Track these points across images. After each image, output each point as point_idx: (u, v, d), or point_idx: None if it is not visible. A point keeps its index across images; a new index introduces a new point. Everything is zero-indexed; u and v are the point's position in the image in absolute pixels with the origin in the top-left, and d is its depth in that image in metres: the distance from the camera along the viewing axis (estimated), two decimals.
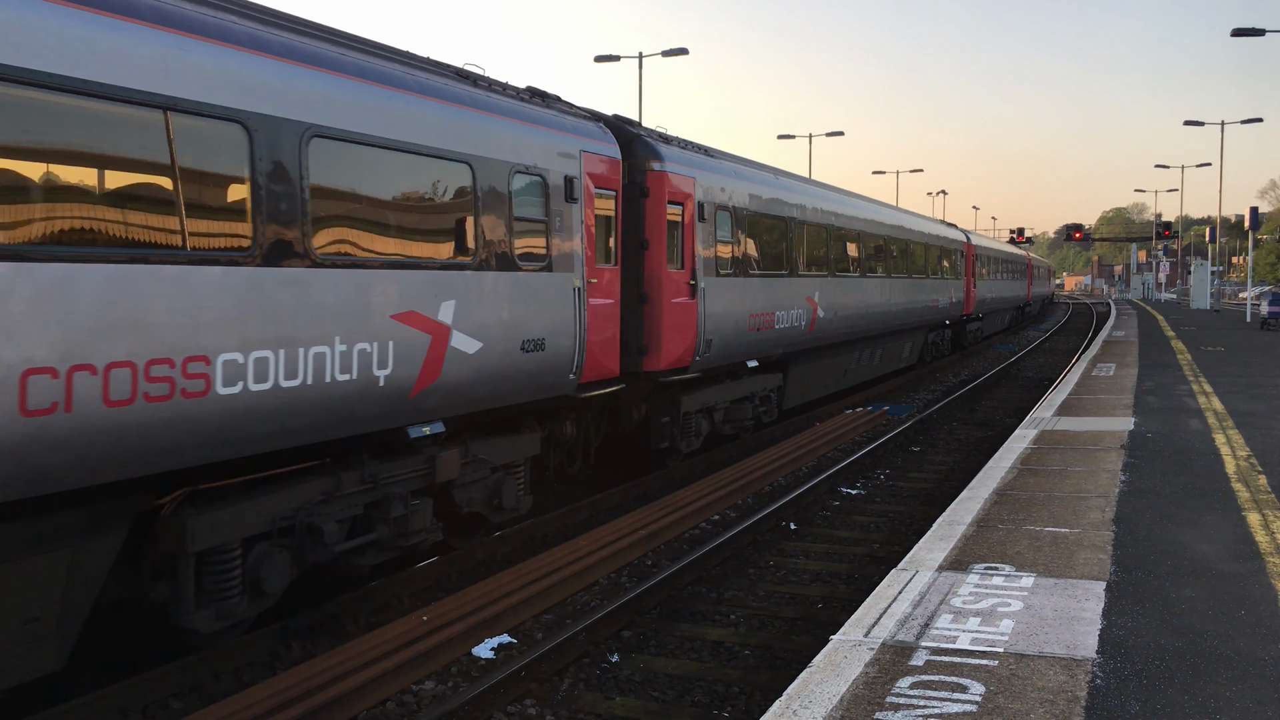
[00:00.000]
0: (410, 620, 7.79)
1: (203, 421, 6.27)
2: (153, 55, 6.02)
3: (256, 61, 6.73)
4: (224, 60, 6.48)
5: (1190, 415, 14.44)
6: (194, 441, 6.25)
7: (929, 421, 18.99)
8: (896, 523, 11.69)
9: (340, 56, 7.64)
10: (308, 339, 6.99)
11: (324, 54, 7.46)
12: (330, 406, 7.24)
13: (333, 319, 7.21)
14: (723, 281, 13.88)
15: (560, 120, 10.59)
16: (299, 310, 6.94)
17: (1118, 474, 10.34)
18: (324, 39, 7.72)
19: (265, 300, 6.68)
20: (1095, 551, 7.48)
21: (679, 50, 36.05)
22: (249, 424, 6.60)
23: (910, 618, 6.06)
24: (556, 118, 10.54)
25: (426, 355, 8.15)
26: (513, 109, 9.70)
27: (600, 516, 11.78)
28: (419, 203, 8.20)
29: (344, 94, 7.44)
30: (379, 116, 7.75)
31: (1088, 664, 5.33)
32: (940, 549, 7.60)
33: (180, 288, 6.11)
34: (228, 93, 6.46)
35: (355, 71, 7.68)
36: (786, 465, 14.43)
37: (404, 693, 6.94)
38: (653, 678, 7.30)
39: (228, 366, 6.40)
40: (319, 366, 7.08)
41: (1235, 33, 34.48)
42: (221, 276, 6.38)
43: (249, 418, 6.59)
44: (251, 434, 6.65)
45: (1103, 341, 31.06)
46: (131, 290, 5.83)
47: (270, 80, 6.80)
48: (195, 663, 7.05)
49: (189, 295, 6.16)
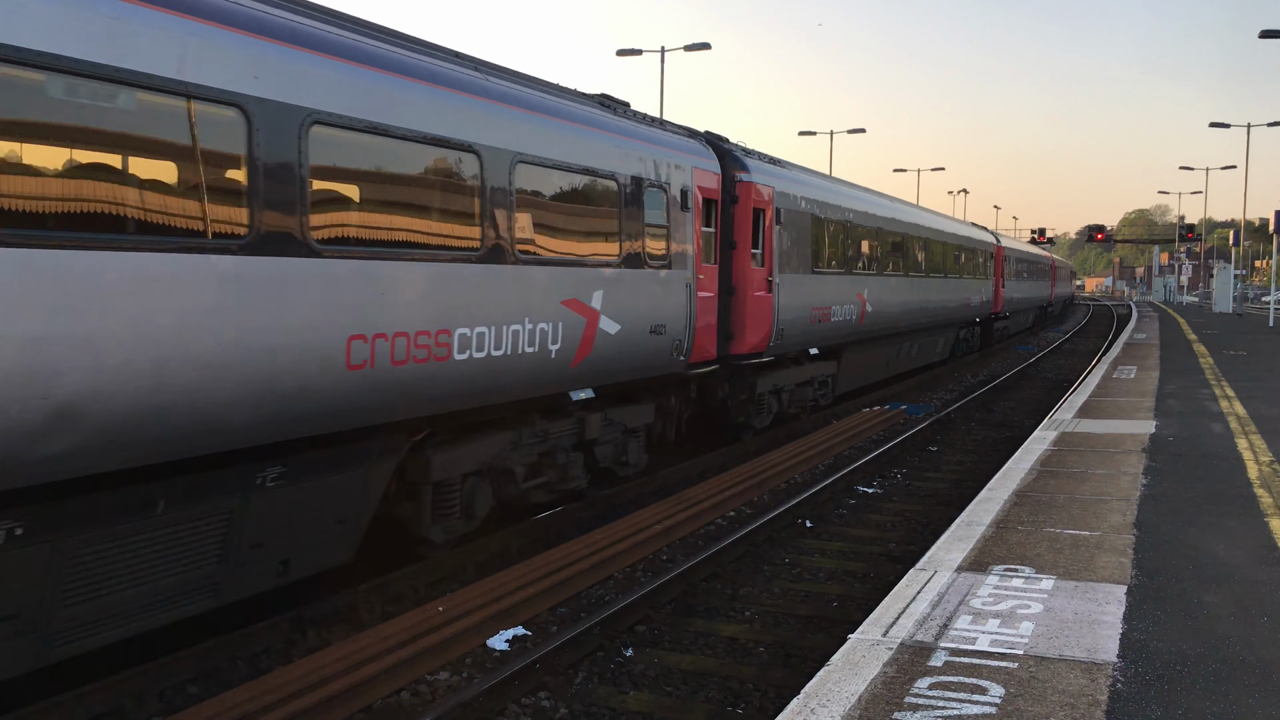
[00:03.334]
0: (426, 610, 7.80)
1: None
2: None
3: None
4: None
5: (1212, 419, 14.31)
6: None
7: (947, 421, 18.89)
8: (913, 522, 11.63)
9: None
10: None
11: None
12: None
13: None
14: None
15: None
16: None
17: (1139, 477, 10.26)
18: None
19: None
20: (1116, 555, 7.42)
21: (701, 45, 35.94)
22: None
23: (929, 618, 6.02)
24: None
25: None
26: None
27: (617, 511, 11.77)
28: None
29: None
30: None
31: (1108, 668, 5.28)
32: (959, 549, 7.55)
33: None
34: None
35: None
36: (803, 463, 14.38)
37: (418, 683, 6.94)
38: (667, 673, 7.28)
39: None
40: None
41: (1263, 34, 34.12)
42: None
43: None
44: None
45: (1124, 344, 30.84)
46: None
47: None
48: (212, 649, 7.09)
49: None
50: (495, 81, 9.23)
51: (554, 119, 9.82)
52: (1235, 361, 24.45)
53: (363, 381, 7.28)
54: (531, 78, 10.27)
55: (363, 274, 7.24)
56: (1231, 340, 32.91)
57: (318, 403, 6.95)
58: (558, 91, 10.56)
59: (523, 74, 10.13)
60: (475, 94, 8.72)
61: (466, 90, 8.61)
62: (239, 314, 6.29)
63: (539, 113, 9.60)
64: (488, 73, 9.31)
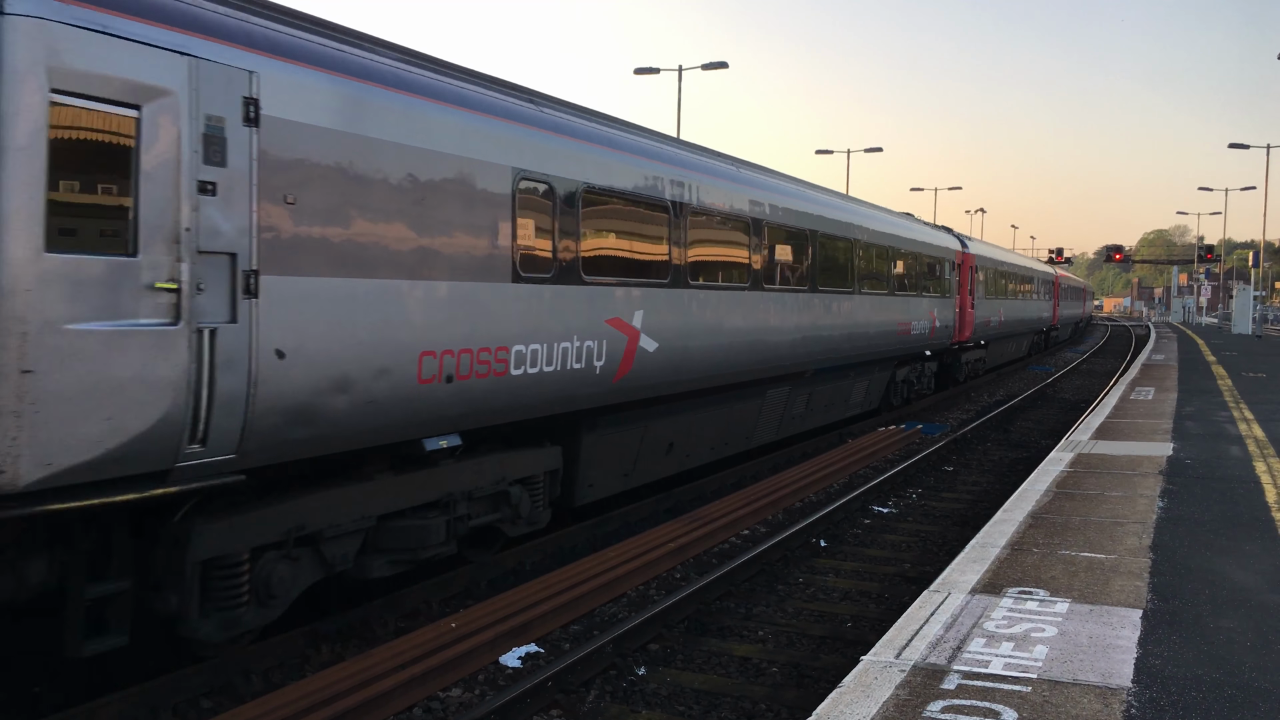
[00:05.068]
0: (439, 627, 7.82)
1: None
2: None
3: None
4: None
5: (1230, 442, 14.22)
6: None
7: (962, 441, 18.82)
8: (928, 543, 11.59)
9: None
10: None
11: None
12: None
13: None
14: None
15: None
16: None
17: (1155, 500, 10.19)
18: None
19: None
20: (1132, 578, 7.37)
21: (719, 64, 36.06)
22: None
23: (942, 640, 6.00)
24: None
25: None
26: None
27: (630, 528, 11.76)
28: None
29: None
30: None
31: (1123, 693, 5.24)
32: (974, 571, 7.52)
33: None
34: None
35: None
36: (817, 482, 14.35)
37: (431, 699, 6.95)
38: (679, 692, 7.26)
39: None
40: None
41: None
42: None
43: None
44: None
45: (1142, 364, 30.67)
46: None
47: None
48: (226, 663, 7.11)
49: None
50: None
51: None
52: (1254, 384, 24.27)
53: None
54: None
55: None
56: (1251, 362, 32.68)
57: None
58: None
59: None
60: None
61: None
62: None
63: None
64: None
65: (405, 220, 7.60)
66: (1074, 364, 40.63)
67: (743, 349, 13.04)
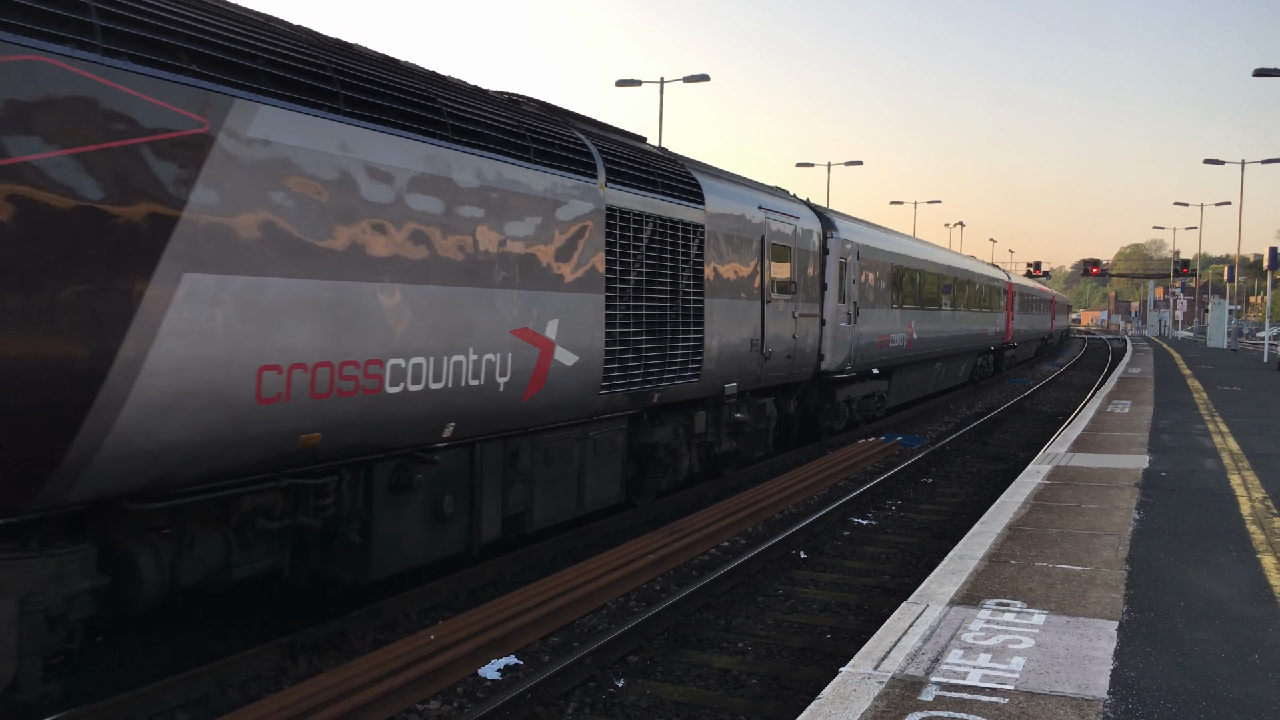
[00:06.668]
0: (418, 639, 7.78)
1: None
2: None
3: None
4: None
5: (1206, 455, 14.34)
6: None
7: (941, 453, 18.91)
8: (907, 554, 11.63)
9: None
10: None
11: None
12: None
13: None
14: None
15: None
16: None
17: (1132, 512, 10.27)
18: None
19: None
20: (1108, 590, 7.42)
21: (700, 76, 36.18)
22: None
23: (920, 652, 6.02)
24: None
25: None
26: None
27: (611, 540, 11.75)
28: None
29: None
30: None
31: (1099, 704, 5.28)
32: (951, 583, 7.55)
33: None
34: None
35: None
36: (798, 493, 14.38)
37: (409, 712, 6.92)
38: (658, 704, 7.26)
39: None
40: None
41: (1257, 73, 34.43)
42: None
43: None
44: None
45: (1119, 378, 30.91)
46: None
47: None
48: (202, 675, 7.06)
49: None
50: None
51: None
52: (1230, 397, 24.51)
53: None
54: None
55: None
56: (1226, 376, 32.99)
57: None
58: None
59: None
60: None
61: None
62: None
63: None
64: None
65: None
66: (1051, 377, 40.91)
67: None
